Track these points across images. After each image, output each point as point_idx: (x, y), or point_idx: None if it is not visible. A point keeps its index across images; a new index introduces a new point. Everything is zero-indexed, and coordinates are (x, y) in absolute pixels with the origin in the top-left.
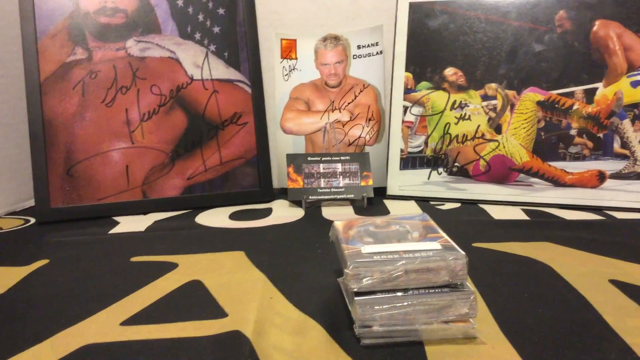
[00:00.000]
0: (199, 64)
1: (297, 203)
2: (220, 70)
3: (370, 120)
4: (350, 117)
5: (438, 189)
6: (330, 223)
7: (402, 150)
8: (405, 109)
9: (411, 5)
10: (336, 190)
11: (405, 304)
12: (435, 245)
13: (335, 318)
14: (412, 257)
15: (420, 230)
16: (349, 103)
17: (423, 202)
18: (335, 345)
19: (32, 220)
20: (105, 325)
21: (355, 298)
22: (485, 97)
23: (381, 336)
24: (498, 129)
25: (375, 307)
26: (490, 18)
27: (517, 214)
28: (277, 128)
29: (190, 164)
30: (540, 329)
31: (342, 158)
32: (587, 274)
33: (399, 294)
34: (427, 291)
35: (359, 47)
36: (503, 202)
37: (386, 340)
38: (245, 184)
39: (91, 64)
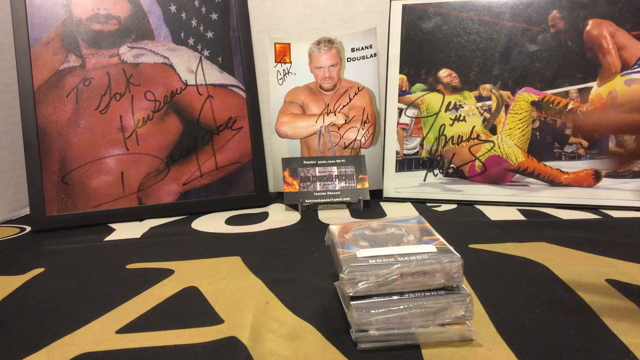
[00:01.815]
0: (193, 69)
1: (293, 207)
2: (214, 75)
3: (365, 122)
4: (345, 120)
5: (434, 190)
6: (326, 226)
7: (397, 153)
8: (400, 111)
9: (404, 7)
10: (332, 193)
11: (401, 307)
12: (431, 248)
13: (332, 322)
14: (407, 260)
15: (416, 233)
16: (343, 106)
17: (419, 203)
18: (333, 349)
19: (28, 229)
20: (101, 334)
21: (352, 302)
22: (479, 98)
23: (378, 340)
24: (493, 130)
25: (372, 311)
26: (483, 19)
27: (513, 214)
28: (272, 132)
29: (185, 169)
30: (537, 330)
31: (338, 161)
32: (584, 273)
33: (395, 297)
34: (422, 294)
35: (353, 50)
36: (499, 202)
37: (383, 345)
38: (241, 189)
39: (85, 71)
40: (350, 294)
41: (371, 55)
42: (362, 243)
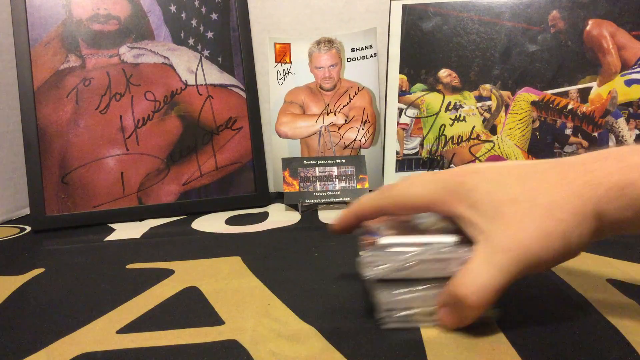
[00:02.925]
0: (193, 69)
1: (293, 207)
2: (214, 75)
3: (365, 122)
4: (345, 120)
5: None
6: (326, 226)
7: (397, 153)
8: (400, 111)
9: (404, 7)
10: (332, 193)
11: (420, 287)
12: (452, 238)
13: (335, 324)
14: (426, 249)
15: (441, 224)
16: (343, 106)
17: None
18: (336, 352)
19: (28, 229)
20: (101, 334)
21: (377, 283)
22: (479, 98)
23: (402, 320)
24: (493, 130)
25: (393, 292)
26: (483, 19)
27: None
28: (272, 132)
29: (185, 169)
30: (541, 328)
31: (338, 161)
32: (585, 273)
33: (415, 281)
34: (441, 279)
35: (353, 50)
36: None
37: (406, 325)
38: (241, 189)
39: (85, 71)
40: (367, 277)
41: (371, 55)
42: (388, 231)
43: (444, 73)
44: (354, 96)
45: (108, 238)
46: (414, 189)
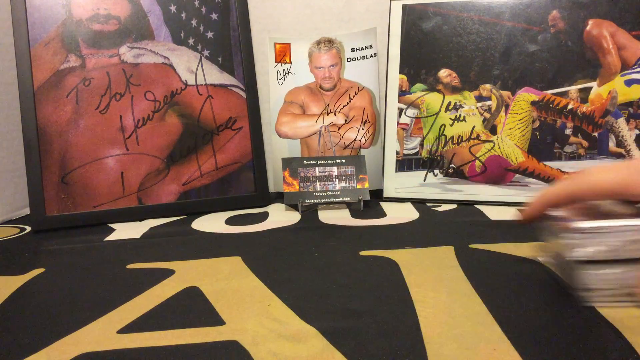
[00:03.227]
0: (193, 69)
1: (293, 207)
2: (214, 75)
3: (365, 122)
4: (346, 120)
5: (434, 190)
6: (327, 226)
7: (397, 153)
8: (400, 111)
9: (404, 7)
10: (332, 193)
11: (624, 269)
12: None
13: (335, 324)
14: (630, 231)
15: (624, 209)
16: (343, 106)
17: (419, 203)
18: (336, 352)
19: (28, 229)
20: (102, 334)
21: (580, 264)
22: (479, 98)
23: (602, 300)
24: (493, 130)
25: (596, 272)
26: (483, 19)
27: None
28: (272, 132)
29: (185, 169)
30: (542, 329)
31: (338, 161)
32: None
33: (619, 264)
34: None
35: (353, 50)
36: (499, 202)
37: (606, 304)
38: (241, 189)
39: (85, 71)
40: (574, 259)
41: (371, 55)
42: (577, 217)
43: (444, 73)
44: (354, 96)
45: (108, 238)
46: (608, 174)
